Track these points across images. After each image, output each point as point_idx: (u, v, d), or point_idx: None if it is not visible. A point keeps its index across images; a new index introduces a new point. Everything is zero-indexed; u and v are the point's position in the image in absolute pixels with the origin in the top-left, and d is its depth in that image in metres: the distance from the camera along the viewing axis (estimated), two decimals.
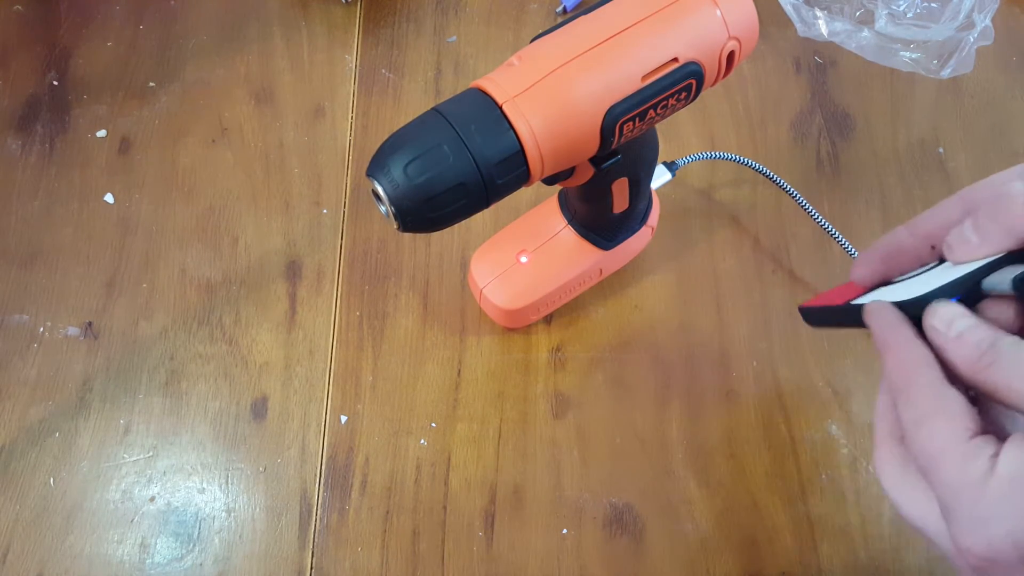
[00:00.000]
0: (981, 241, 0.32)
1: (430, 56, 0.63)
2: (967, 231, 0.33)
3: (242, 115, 0.61)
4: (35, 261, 0.56)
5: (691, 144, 0.60)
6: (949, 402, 0.29)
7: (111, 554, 0.48)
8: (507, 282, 0.50)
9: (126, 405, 0.52)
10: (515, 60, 0.36)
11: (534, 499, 0.49)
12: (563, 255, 0.50)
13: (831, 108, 0.62)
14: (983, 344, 0.29)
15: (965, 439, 0.28)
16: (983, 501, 0.27)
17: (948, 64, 0.61)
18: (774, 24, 0.64)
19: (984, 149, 0.60)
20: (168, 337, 0.53)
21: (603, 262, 0.51)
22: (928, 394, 0.29)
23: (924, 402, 0.29)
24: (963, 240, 0.33)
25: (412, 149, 0.34)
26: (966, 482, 0.27)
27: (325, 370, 0.52)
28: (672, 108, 0.38)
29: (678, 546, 0.48)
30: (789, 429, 0.51)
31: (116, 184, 0.58)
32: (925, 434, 0.29)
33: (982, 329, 0.29)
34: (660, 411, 0.51)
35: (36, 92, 0.62)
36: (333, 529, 0.48)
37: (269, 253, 0.56)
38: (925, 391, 0.30)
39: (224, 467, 0.50)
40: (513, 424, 0.51)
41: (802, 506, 0.49)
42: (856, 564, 0.48)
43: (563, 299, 0.53)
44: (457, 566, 0.47)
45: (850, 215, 0.57)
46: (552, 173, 0.38)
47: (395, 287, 0.55)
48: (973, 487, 0.27)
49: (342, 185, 0.58)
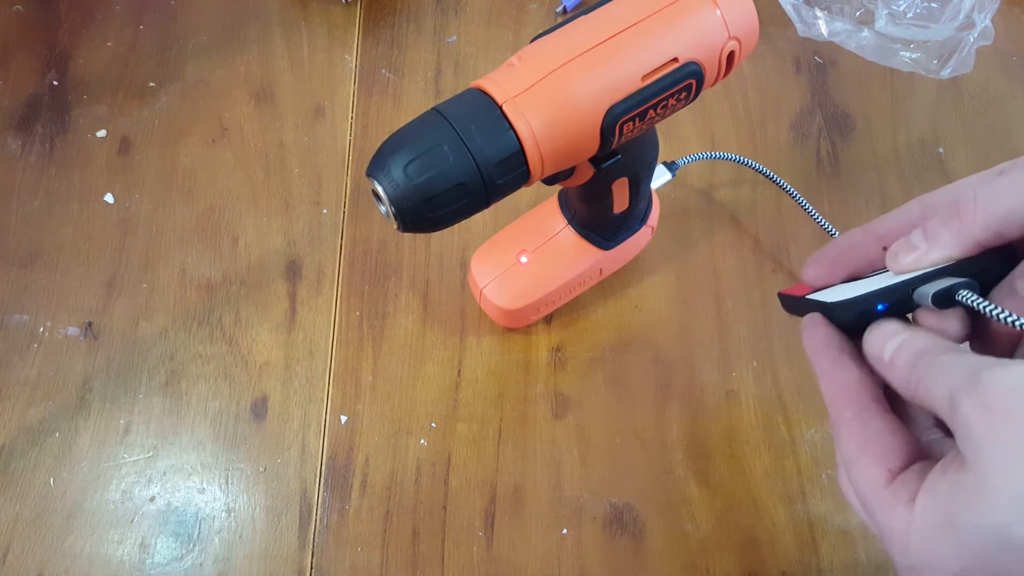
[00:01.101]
0: (929, 247, 0.31)
1: (430, 56, 0.63)
2: (915, 237, 0.32)
3: (242, 115, 0.61)
4: (35, 261, 0.56)
5: (691, 144, 0.60)
6: (872, 438, 0.28)
7: (111, 554, 0.48)
8: (507, 282, 0.50)
9: (126, 405, 0.52)
10: (515, 60, 0.36)
11: (534, 499, 0.49)
12: (563, 255, 0.50)
13: (831, 108, 0.62)
14: (910, 364, 0.28)
15: (883, 485, 0.27)
16: (909, 551, 0.26)
17: (948, 64, 0.61)
18: (774, 24, 0.64)
19: (984, 149, 0.60)
20: (168, 337, 0.53)
21: (603, 262, 0.51)
22: (853, 430, 0.29)
23: (850, 439, 0.29)
24: (909, 247, 0.32)
25: (412, 149, 0.34)
26: (892, 529, 0.26)
27: (325, 370, 0.52)
28: (672, 108, 0.38)
29: (678, 546, 0.48)
30: (789, 429, 0.51)
31: (116, 184, 0.58)
32: (854, 475, 0.28)
33: (909, 346, 0.28)
34: (660, 411, 0.51)
35: (36, 92, 0.62)
36: (333, 529, 0.48)
37: (269, 253, 0.56)
38: (851, 426, 0.29)
39: (224, 467, 0.50)
40: (513, 424, 0.51)
41: (802, 506, 0.49)
42: (856, 564, 0.47)
43: (563, 299, 0.53)
44: (457, 566, 0.47)
45: (850, 215, 0.57)
46: (552, 173, 0.38)
47: (395, 287, 0.55)
48: (899, 535, 0.26)
49: (342, 185, 0.58)
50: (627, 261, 0.54)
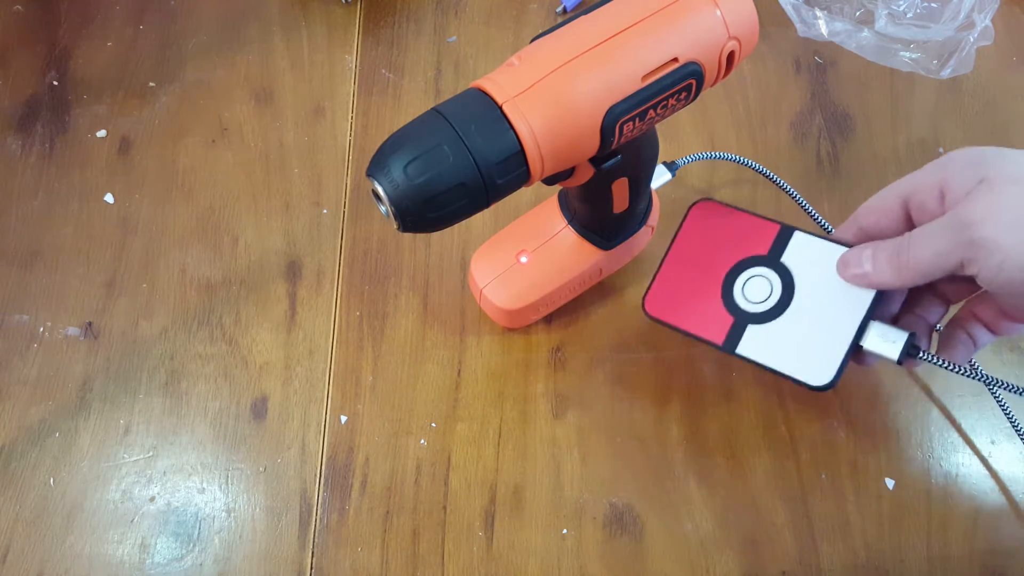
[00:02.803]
0: (874, 271, 0.40)
1: (430, 56, 0.63)
2: (865, 260, 0.41)
3: (242, 115, 0.61)
4: (35, 261, 0.56)
5: (691, 144, 0.60)
6: None
7: (111, 554, 0.48)
8: (507, 282, 0.50)
9: (126, 405, 0.52)
10: (515, 60, 0.36)
11: (534, 499, 0.49)
12: (563, 255, 0.50)
13: (831, 108, 0.62)
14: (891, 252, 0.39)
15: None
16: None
17: (948, 64, 0.61)
18: (774, 24, 0.64)
19: None
20: (168, 337, 0.53)
21: (603, 262, 0.51)
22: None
23: None
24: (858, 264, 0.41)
25: (412, 149, 0.34)
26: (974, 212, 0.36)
27: (325, 370, 0.52)
28: (672, 108, 0.38)
29: (678, 546, 0.48)
30: (789, 429, 0.51)
31: (116, 184, 0.58)
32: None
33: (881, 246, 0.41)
34: (660, 411, 0.51)
35: (36, 92, 0.62)
36: (333, 529, 0.48)
37: (269, 253, 0.56)
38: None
39: (224, 467, 0.50)
40: (513, 424, 0.51)
41: (802, 506, 0.49)
42: (856, 564, 0.48)
43: (563, 299, 0.52)
44: (457, 566, 0.47)
45: (850, 215, 0.57)
46: (552, 173, 0.38)
47: (395, 287, 0.55)
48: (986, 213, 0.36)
49: (342, 185, 0.58)
50: (627, 261, 0.54)
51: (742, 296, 0.44)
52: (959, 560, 0.47)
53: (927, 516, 0.49)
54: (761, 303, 0.43)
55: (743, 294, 0.44)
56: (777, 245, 0.44)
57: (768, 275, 0.44)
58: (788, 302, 0.43)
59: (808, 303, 0.42)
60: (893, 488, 0.49)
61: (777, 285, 0.43)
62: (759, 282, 0.44)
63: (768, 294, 0.43)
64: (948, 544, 0.48)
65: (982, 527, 0.48)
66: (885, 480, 0.49)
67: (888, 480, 0.49)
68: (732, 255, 0.45)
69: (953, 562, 0.47)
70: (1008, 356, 0.53)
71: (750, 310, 0.43)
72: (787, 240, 0.44)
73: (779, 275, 0.44)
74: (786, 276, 0.44)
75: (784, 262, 0.44)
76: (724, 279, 0.45)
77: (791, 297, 0.43)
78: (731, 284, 0.44)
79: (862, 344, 0.41)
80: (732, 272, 0.45)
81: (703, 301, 0.45)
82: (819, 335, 0.41)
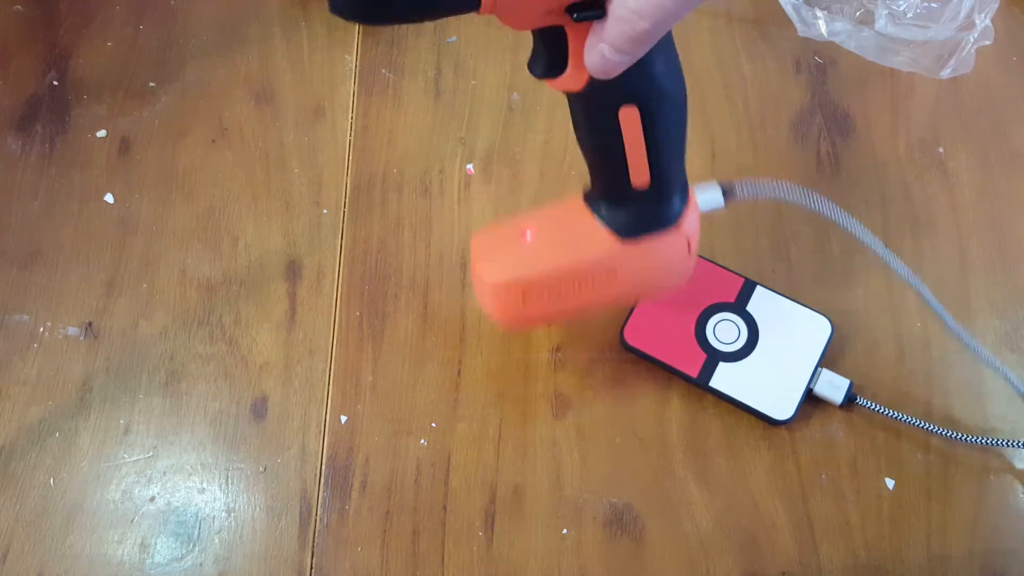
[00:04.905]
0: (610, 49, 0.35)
1: (430, 56, 0.63)
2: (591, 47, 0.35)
3: (242, 115, 0.61)
4: (35, 261, 0.56)
5: (691, 144, 0.60)
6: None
7: (111, 554, 0.48)
8: (502, 255, 0.45)
9: (126, 405, 0.52)
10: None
11: (534, 499, 0.49)
12: (570, 233, 0.44)
13: (831, 108, 0.62)
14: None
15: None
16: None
17: (948, 64, 0.61)
18: (774, 24, 0.64)
19: (984, 149, 0.60)
20: (168, 337, 0.53)
21: (618, 259, 0.44)
22: None
23: None
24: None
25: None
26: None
27: (325, 370, 0.52)
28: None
29: (678, 546, 0.48)
30: (789, 429, 0.51)
31: (116, 184, 0.58)
32: None
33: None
34: (660, 411, 0.51)
35: (36, 92, 0.62)
36: (333, 529, 0.48)
37: (269, 253, 0.56)
38: None
39: (224, 467, 0.50)
40: (513, 424, 0.51)
41: (802, 506, 0.49)
42: (856, 564, 0.48)
43: (566, 302, 0.47)
44: (457, 566, 0.47)
45: (850, 215, 0.57)
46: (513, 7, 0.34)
47: (395, 287, 0.55)
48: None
49: (342, 185, 0.58)
50: (651, 273, 0.46)
51: (714, 336, 0.51)
52: (959, 560, 0.47)
53: (927, 516, 0.49)
54: (730, 344, 0.51)
55: (715, 334, 0.51)
56: (743, 295, 0.52)
57: (736, 320, 0.51)
58: (754, 345, 0.51)
59: (771, 347, 0.51)
60: (893, 488, 0.49)
61: (744, 330, 0.51)
62: (728, 325, 0.51)
63: (736, 336, 0.51)
64: (948, 544, 0.48)
65: (982, 527, 0.48)
66: (885, 480, 0.49)
67: (888, 480, 0.49)
68: (704, 298, 0.52)
69: (953, 562, 0.47)
70: (1008, 356, 0.53)
71: (722, 349, 0.51)
72: (751, 292, 0.52)
73: (745, 321, 0.51)
74: (751, 323, 0.51)
75: (749, 310, 0.52)
76: (697, 319, 0.51)
77: (756, 341, 0.51)
78: (704, 324, 0.51)
79: (812, 388, 0.50)
80: (705, 314, 0.52)
81: (678, 337, 0.51)
82: (780, 377, 0.50)
